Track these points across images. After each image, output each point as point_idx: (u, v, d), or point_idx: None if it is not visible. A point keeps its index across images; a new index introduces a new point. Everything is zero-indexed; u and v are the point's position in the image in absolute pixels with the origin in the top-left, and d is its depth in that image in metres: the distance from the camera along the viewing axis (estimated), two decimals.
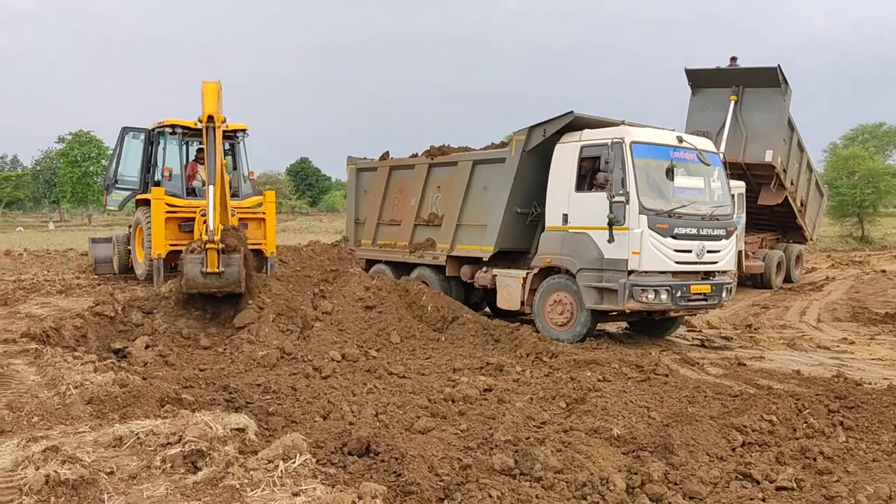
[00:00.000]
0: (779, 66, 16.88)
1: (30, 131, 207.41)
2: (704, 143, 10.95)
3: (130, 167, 15.62)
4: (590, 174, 10.30)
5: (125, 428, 4.91)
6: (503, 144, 12.27)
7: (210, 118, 10.26)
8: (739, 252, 15.92)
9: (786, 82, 17.02)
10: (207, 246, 10.01)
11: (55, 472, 4.02)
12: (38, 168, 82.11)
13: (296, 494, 3.90)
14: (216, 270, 10.03)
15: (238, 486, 3.99)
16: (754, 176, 17.82)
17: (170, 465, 4.34)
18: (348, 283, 10.78)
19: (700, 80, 18.21)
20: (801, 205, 19.44)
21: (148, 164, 15.19)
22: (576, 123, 10.51)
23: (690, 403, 6.77)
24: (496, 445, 5.22)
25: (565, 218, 10.43)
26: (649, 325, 11.35)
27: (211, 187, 10.17)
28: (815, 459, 5.32)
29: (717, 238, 10.26)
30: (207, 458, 4.38)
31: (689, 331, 12.01)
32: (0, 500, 3.91)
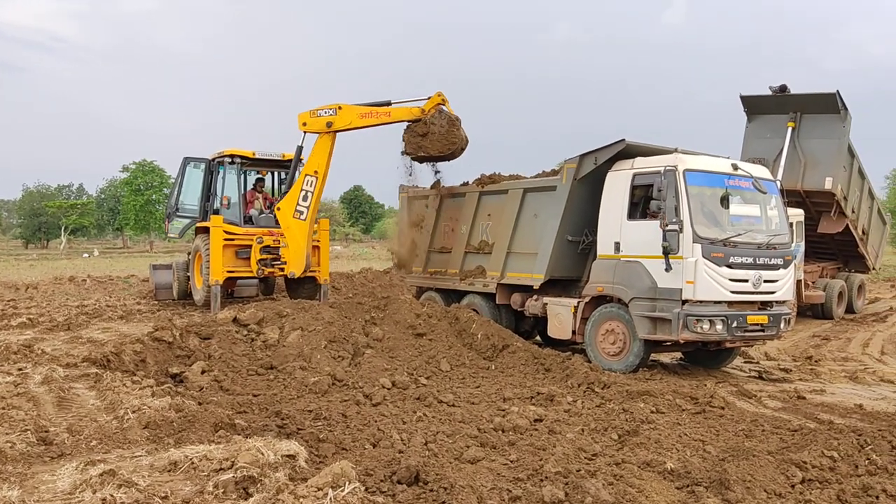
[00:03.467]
0: (837, 91, 16.56)
1: (95, 162, 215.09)
2: (760, 171, 10.77)
3: (191, 196, 16.17)
4: (642, 202, 10.22)
5: (180, 453, 5.01)
6: (554, 172, 12.25)
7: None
8: (798, 281, 15.53)
9: (845, 108, 16.68)
10: None
11: (111, 495, 4.13)
12: (103, 196, 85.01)
13: None
14: None
15: None
16: (814, 204, 17.42)
17: (222, 490, 4.42)
18: (399, 310, 10.84)
19: (756, 106, 17.94)
20: (863, 233, 18.88)
21: (207, 192, 15.68)
22: (628, 151, 10.45)
23: (747, 437, 6.60)
24: (546, 477, 5.16)
25: (617, 246, 10.34)
26: (704, 356, 11.11)
27: None
28: (877, 497, 5.12)
29: (775, 267, 10.04)
30: (259, 485, 4.44)
31: (745, 362, 11.70)
32: None
